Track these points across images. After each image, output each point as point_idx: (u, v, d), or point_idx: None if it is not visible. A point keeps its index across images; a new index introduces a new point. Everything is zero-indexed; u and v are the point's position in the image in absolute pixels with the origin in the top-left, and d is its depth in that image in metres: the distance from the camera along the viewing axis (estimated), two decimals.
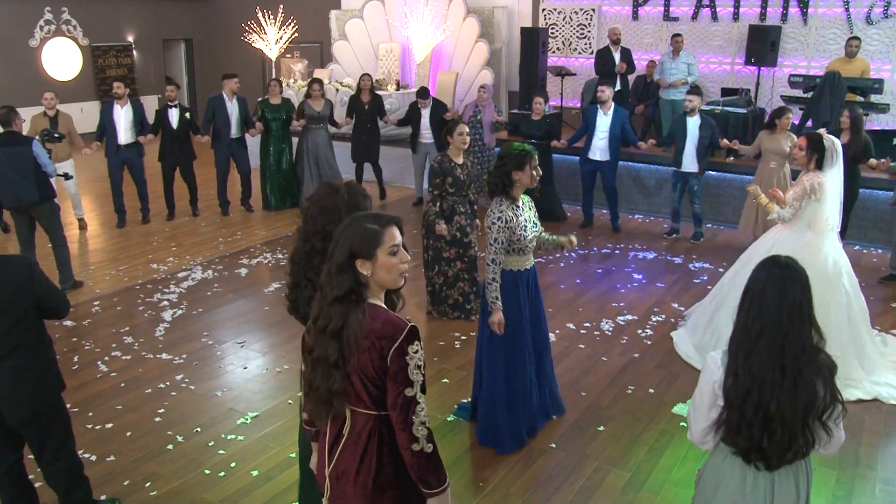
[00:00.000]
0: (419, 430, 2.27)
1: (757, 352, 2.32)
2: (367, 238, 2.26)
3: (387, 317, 2.28)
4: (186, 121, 9.27)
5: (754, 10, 10.67)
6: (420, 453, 2.27)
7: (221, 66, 17.39)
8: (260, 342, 6.03)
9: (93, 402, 5.05)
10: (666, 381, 5.34)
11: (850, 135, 7.37)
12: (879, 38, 9.91)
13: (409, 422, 2.25)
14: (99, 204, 10.41)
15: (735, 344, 2.39)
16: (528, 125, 9.15)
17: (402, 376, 2.24)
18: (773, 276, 2.34)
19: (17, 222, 6.84)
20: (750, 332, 2.34)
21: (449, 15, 12.22)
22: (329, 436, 2.42)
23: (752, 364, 2.32)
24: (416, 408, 2.26)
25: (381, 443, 2.32)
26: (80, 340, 6.06)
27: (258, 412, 4.90)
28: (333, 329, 2.24)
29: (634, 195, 10.16)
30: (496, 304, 4.19)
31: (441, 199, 6.19)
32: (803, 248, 5.10)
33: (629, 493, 4.06)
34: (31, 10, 14.71)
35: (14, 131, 6.64)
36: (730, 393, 2.36)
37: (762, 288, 2.35)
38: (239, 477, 4.21)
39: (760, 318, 2.32)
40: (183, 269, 7.73)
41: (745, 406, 2.32)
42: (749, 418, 2.31)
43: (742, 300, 2.42)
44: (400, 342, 2.22)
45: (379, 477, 2.32)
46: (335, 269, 2.26)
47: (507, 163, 4.15)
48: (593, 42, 11.99)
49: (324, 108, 9.86)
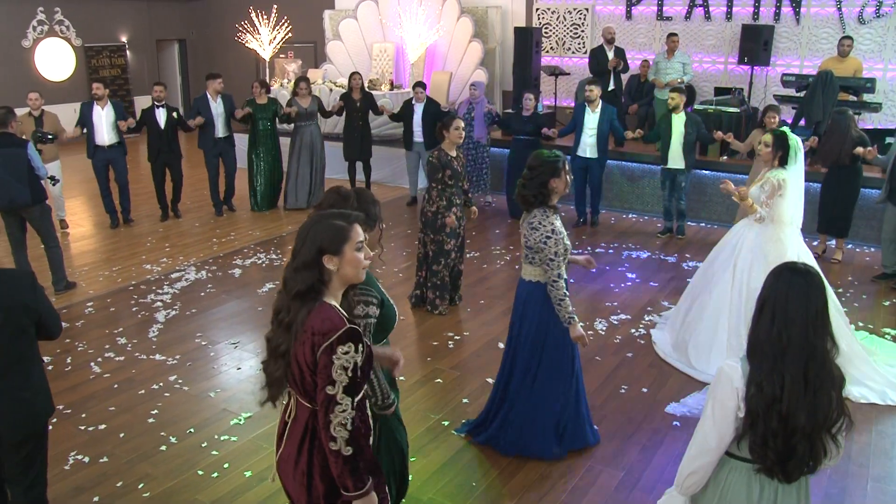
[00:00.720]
0: (337, 430, 2.29)
1: (784, 363, 2.25)
2: (336, 234, 2.34)
3: (330, 315, 2.32)
4: (173, 120, 9.30)
5: (747, 9, 10.69)
6: (337, 453, 2.30)
7: (215, 66, 17.34)
8: (253, 343, 6.02)
9: (86, 404, 5.04)
10: (658, 380, 5.35)
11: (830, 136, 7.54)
12: (871, 37, 9.94)
13: (328, 420, 2.29)
14: (92, 205, 10.38)
15: (758, 354, 2.31)
16: (519, 122, 9.25)
17: (326, 374, 2.27)
18: (796, 285, 2.28)
19: (7, 223, 6.80)
20: (775, 343, 2.27)
21: (443, 15, 12.22)
22: (279, 422, 2.56)
23: (779, 375, 2.25)
24: (336, 408, 2.28)
25: (314, 435, 2.39)
26: (73, 341, 6.04)
27: (251, 413, 4.89)
28: (288, 322, 2.36)
29: (627, 195, 10.19)
30: (574, 318, 4.02)
31: (441, 191, 6.32)
32: (769, 242, 5.26)
33: (622, 493, 4.07)
34: (24, 10, 14.67)
35: (9, 133, 6.61)
36: (752, 404, 2.28)
37: (785, 297, 2.27)
38: (232, 478, 4.21)
39: (787, 329, 2.25)
40: (176, 270, 7.72)
41: (770, 418, 2.26)
42: (775, 429, 2.26)
43: (760, 308, 2.34)
44: (332, 341, 2.26)
45: (311, 468, 2.40)
46: (301, 265, 2.34)
47: (541, 172, 3.95)
48: (587, 42, 12.00)
49: (311, 104, 9.98)
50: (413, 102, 9.94)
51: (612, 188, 10.09)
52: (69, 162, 9.41)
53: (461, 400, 5.05)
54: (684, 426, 4.73)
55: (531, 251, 4.03)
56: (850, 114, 7.62)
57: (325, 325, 2.29)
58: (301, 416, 2.42)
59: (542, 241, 3.94)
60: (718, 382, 2.38)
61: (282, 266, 7.86)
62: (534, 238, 3.96)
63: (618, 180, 10.14)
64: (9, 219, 6.77)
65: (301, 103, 9.92)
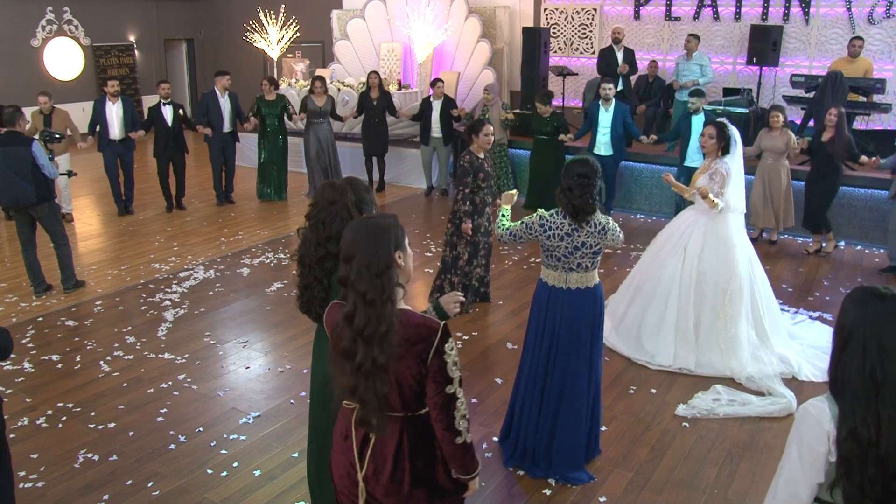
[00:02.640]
0: (461, 423, 2.33)
1: (880, 401, 2.00)
2: (401, 231, 2.33)
3: (417, 320, 2.29)
4: (180, 117, 9.68)
5: (756, 9, 10.66)
6: (463, 445, 2.36)
7: (223, 65, 17.35)
8: (262, 342, 6.03)
9: (95, 402, 5.05)
10: (668, 381, 5.33)
11: (833, 132, 7.61)
12: (882, 37, 9.89)
13: (451, 417, 2.31)
14: (101, 203, 10.43)
15: (849, 393, 2.04)
16: (538, 122, 9.46)
17: (443, 375, 2.28)
18: (885, 312, 2.03)
19: (17, 221, 6.84)
20: (868, 380, 2.01)
21: (451, 15, 12.21)
22: (357, 440, 2.42)
23: (875, 415, 2.00)
24: (457, 403, 2.32)
25: (410, 444, 2.36)
26: (82, 340, 6.06)
27: (260, 412, 4.90)
28: (382, 333, 2.21)
29: (636, 195, 10.18)
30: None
31: (473, 195, 6.32)
32: (721, 228, 5.53)
33: (631, 494, 4.06)
34: (33, 9, 14.72)
35: (16, 131, 6.64)
36: (846, 450, 2.02)
37: (876, 327, 2.02)
38: (241, 477, 4.21)
39: (882, 363, 1.99)
40: (185, 269, 7.73)
41: (866, 464, 2.00)
42: (873, 476, 2.01)
43: (845, 341, 2.08)
44: (437, 343, 2.26)
45: (408, 478, 2.36)
46: (383, 267, 2.23)
47: (593, 179, 3.87)
48: (595, 42, 11.98)
49: (325, 104, 10.31)
50: (431, 99, 10.33)
51: (620, 189, 10.09)
52: (78, 160, 9.46)
53: (470, 400, 5.05)
54: (693, 427, 4.72)
55: (598, 256, 3.98)
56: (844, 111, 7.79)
57: (420, 332, 2.26)
58: (392, 430, 2.35)
59: (615, 236, 3.98)
60: (804, 424, 2.13)
61: (290, 264, 7.88)
62: (609, 238, 3.95)
63: (625, 181, 10.14)
64: (18, 217, 6.80)
65: (316, 101, 10.26)
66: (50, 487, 4.11)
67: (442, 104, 10.27)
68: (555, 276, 4.04)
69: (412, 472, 2.36)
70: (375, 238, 2.25)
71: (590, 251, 3.94)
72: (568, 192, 3.86)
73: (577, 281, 4.01)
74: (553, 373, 4.12)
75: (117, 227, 9.33)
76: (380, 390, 2.23)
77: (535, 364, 4.17)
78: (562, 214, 3.94)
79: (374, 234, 2.26)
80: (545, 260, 4.07)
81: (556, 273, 4.03)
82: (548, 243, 3.97)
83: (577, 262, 3.96)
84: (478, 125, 6.37)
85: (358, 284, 2.22)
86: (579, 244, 3.92)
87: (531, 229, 4.01)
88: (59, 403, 5.02)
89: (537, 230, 3.99)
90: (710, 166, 5.53)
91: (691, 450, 4.47)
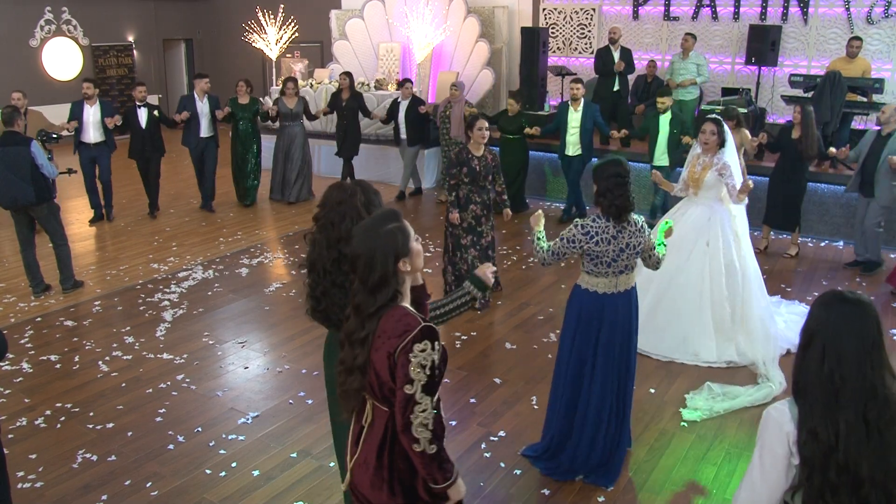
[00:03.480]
0: (419, 431, 2.25)
1: (839, 405, 1.99)
2: (402, 237, 2.31)
3: (402, 316, 2.29)
4: (155, 118, 9.46)
5: (755, 9, 10.66)
6: (422, 454, 2.27)
7: (222, 66, 17.41)
8: (261, 342, 6.03)
9: (94, 402, 5.05)
10: (666, 381, 5.34)
11: (800, 130, 7.67)
12: (880, 37, 9.90)
13: (408, 421, 2.24)
14: None
15: (808, 396, 2.04)
16: (505, 121, 9.75)
17: (404, 373, 2.23)
18: (848, 316, 2.03)
19: (16, 221, 6.84)
20: (826, 382, 2.01)
21: (449, 15, 12.21)
22: (354, 427, 2.49)
23: (834, 419, 1.99)
24: (416, 408, 2.23)
25: (393, 439, 2.36)
26: (80, 340, 6.06)
27: (259, 412, 4.90)
28: (363, 336, 2.31)
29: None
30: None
31: (457, 188, 6.40)
32: (733, 217, 5.75)
33: (629, 493, 4.06)
34: (32, 9, 14.71)
35: (14, 131, 6.64)
36: (806, 452, 2.02)
37: (836, 330, 2.02)
38: (240, 477, 4.21)
39: (840, 368, 2.00)
40: (184, 269, 7.73)
41: (828, 468, 1.99)
42: (834, 482, 1.99)
43: (806, 343, 2.09)
44: (407, 340, 2.23)
45: (391, 472, 2.37)
46: (378, 283, 2.27)
47: (628, 179, 3.87)
48: (593, 42, 11.98)
49: (297, 105, 10.25)
50: (399, 100, 10.32)
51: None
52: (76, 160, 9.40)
53: (468, 400, 5.05)
54: (692, 427, 4.72)
55: (640, 254, 3.98)
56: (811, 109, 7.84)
57: (399, 326, 2.26)
58: (379, 421, 2.38)
59: (650, 233, 3.97)
60: (766, 427, 2.13)
61: (289, 264, 7.88)
62: (648, 235, 3.96)
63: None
64: (17, 217, 6.80)
65: (287, 104, 10.19)
66: (48, 488, 4.11)
67: (409, 105, 10.21)
68: (605, 283, 3.98)
69: (391, 470, 2.36)
70: (374, 252, 2.27)
71: (634, 251, 3.93)
72: (608, 193, 3.84)
73: (625, 283, 4.02)
74: (612, 380, 4.09)
75: (116, 228, 9.32)
76: (351, 384, 2.34)
77: (593, 377, 4.07)
78: (604, 218, 3.90)
79: (373, 248, 2.27)
80: (591, 269, 3.97)
81: (607, 280, 3.97)
82: (595, 249, 3.89)
83: (625, 265, 3.95)
84: (471, 121, 6.47)
85: (355, 296, 2.32)
86: (625, 245, 3.90)
87: (573, 242, 3.92)
88: (57, 404, 5.02)
89: (581, 240, 3.89)
90: (714, 162, 5.60)
91: (689, 450, 4.47)
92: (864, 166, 7.33)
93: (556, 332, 6.09)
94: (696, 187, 5.76)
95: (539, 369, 5.46)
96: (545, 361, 5.56)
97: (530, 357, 5.71)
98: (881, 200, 7.28)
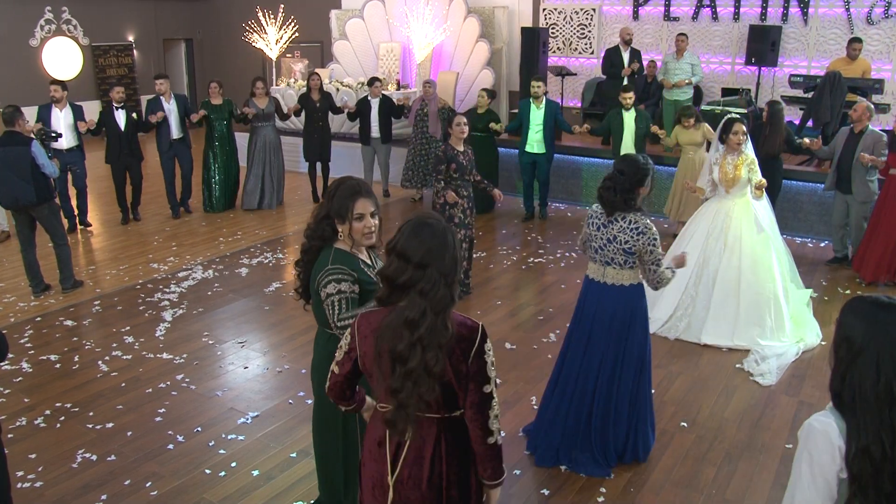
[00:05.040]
0: (493, 423, 2.35)
1: (893, 418, 1.93)
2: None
3: (458, 319, 2.30)
4: (133, 121, 9.12)
5: (755, 10, 10.67)
6: (493, 446, 2.37)
7: (222, 65, 17.43)
8: (260, 342, 6.03)
9: (93, 402, 5.05)
10: (666, 380, 5.34)
11: (768, 128, 7.75)
12: (880, 38, 9.91)
13: (486, 417, 2.33)
14: (100, 204, 10.42)
15: (860, 410, 1.96)
16: (473, 118, 9.67)
17: (482, 375, 2.30)
18: (891, 324, 1.95)
19: (17, 221, 6.85)
20: (884, 394, 1.93)
21: (449, 15, 12.22)
22: (390, 443, 2.39)
23: (889, 431, 1.93)
24: (492, 402, 2.33)
25: (446, 445, 2.35)
26: (80, 340, 6.06)
27: (258, 412, 4.90)
28: (444, 342, 2.22)
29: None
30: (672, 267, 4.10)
31: (447, 183, 6.50)
32: (757, 210, 5.97)
33: (629, 493, 4.06)
34: (32, 9, 14.72)
35: (15, 131, 6.64)
36: (858, 468, 1.95)
37: (889, 341, 1.94)
38: (239, 477, 4.21)
39: (894, 379, 1.93)
40: (183, 269, 7.73)
41: (881, 481, 1.93)
42: (889, 493, 1.94)
43: (852, 355, 1.99)
44: (478, 343, 2.28)
45: (444, 479, 2.36)
46: (453, 280, 2.27)
47: (631, 178, 3.89)
48: (594, 42, 11.99)
49: (268, 106, 9.99)
50: (369, 98, 10.19)
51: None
52: None
53: None
54: (692, 427, 4.72)
55: (631, 256, 3.95)
56: (783, 105, 7.93)
57: (462, 331, 2.27)
58: (429, 431, 2.34)
59: (650, 243, 3.90)
60: (812, 441, 2.03)
61: (288, 264, 7.88)
62: (642, 242, 3.90)
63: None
64: (18, 217, 6.81)
65: (258, 104, 9.91)
66: (48, 487, 4.11)
67: (380, 103, 10.14)
68: (594, 268, 4.14)
69: (449, 476, 2.36)
70: (447, 247, 2.26)
71: (621, 247, 3.95)
72: (603, 181, 3.99)
73: (613, 277, 4.07)
74: (586, 371, 4.19)
75: (116, 228, 9.32)
76: (425, 395, 2.22)
77: (573, 354, 4.25)
78: (601, 205, 4.05)
79: (446, 243, 2.26)
80: (588, 252, 4.16)
81: (596, 266, 4.12)
82: (587, 231, 4.09)
83: (611, 257, 4.01)
84: (451, 117, 6.62)
85: (433, 293, 2.21)
86: (611, 237, 3.97)
87: (586, 221, 4.14)
88: (57, 403, 5.02)
89: (586, 221, 4.12)
90: (744, 159, 5.89)
91: (690, 450, 4.47)
92: (840, 164, 7.46)
93: (556, 333, 6.10)
94: (730, 185, 5.97)
95: (539, 369, 5.45)
96: (545, 361, 5.55)
97: (530, 357, 5.71)
98: (858, 196, 7.41)
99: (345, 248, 3.05)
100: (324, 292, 2.98)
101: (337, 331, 3.00)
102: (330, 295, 2.97)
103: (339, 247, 3.05)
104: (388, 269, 2.27)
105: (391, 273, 2.25)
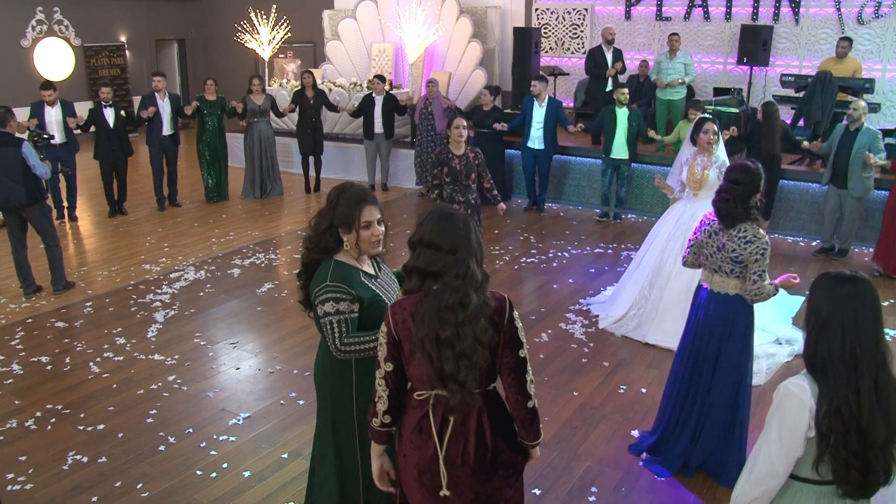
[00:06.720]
0: (531, 387, 2.48)
1: (857, 377, 2.14)
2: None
3: (491, 294, 2.45)
4: (122, 119, 9.48)
5: (746, 9, 10.70)
6: (533, 409, 2.50)
7: (214, 66, 17.37)
8: (252, 343, 6.02)
9: (84, 404, 5.03)
10: (657, 380, 5.35)
11: (764, 130, 7.93)
12: (871, 37, 9.95)
13: (523, 381, 2.45)
14: (91, 204, 10.40)
15: (830, 373, 2.17)
16: (480, 115, 10.04)
17: (516, 340, 2.43)
18: (857, 293, 2.17)
19: (7, 222, 6.82)
20: (849, 359, 2.14)
21: (442, 15, 12.21)
22: (435, 423, 2.45)
23: (854, 391, 2.14)
24: (528, 367, 2.46)
25: (488, 416, 2.46)
26: (71, 341, 6.04)
27: (250, 413, 4.90)
28: (491, 311, 2.38)
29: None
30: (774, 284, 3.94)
31: (440, 188, 6.46)
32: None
33: (619, 493, 4.07)
34: (23, 9, 14.65)
35: (6, 132, 6.61)
36: (827, 426, 2.15)
37: (851, 308, 2.16)
38: (231, 478, 4.21)
39: (860, 341, 2.14)
40: (175, 270, 7.71)
41: (849, 439, 2.14)
42: (855, 449, 2.14)
43: (820, 325, 2.20)
44: (508, 312, 2.42)
45: (490, 448, 2.46)
46: (482, 259, 2.43)
47: (749, 187, 3.85)
48: (586, 42, 12.01)
49: (264, 102, 10.46)
50: (373, 95, 10.54)
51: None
52: None
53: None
54: None
55: (739, 265, 3.90)
56: (778, 106, 8.14)
57: (492, 302, 2.40)
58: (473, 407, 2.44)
59: (759, 253, 3.83)
60: (786, 403, 2.23)
61: (280, 265, 7.87)
62: (749, 251, 3.85)
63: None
64: (8, 218, 6.78)
65: (255, 100, 10.35)
66: (38, 490, 4.10)
67: (384, 100, 10.47)
68: (706, 274, 4.15)
69: (496, 443, 2.47)
70: (470, 231, 2.41)
71: (729, 255, 3.91)
72: (718, 193, 3.95)
73: (718, 284, 4.04)
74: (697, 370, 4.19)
75: (108, 228, 9.29)
76: (480, 363, 2.34)
77: (680, 357, 4.29)
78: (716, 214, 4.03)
79: (469, 228, 2.41)
80: (700, 259, 4.16)
81: (707, 272, 4.12)
82: (700, 238, 4.10)
83: (719, 265, 3.98)
84: (449, 119, 6.53)
85: (469, 274, 2.35)
86: (721, 245, 3.95)
87: (700, 226, 4.15)
88: (48, 405, 5.00)
89: (701, 227, 4.13)
90: (713, 161, 5.73)
91: None
92: (836, 160, 7.65)
93: (548, 332, 6.12)
94: (698, 188, 5.79)
95: (533, 370, 5.45)
96: (537, 361, 5.56)
97: None
98: (854, 192, 7.59)
99: (346, 259, 2.95)
100: (321, 309, 2.86)
101: (340, 354, 2.90)
102: (328, 314, 2.85)
103: (340, 259, 2.95)
104: (418, 261, 2.39)
105: (422, 264, 2.37)
